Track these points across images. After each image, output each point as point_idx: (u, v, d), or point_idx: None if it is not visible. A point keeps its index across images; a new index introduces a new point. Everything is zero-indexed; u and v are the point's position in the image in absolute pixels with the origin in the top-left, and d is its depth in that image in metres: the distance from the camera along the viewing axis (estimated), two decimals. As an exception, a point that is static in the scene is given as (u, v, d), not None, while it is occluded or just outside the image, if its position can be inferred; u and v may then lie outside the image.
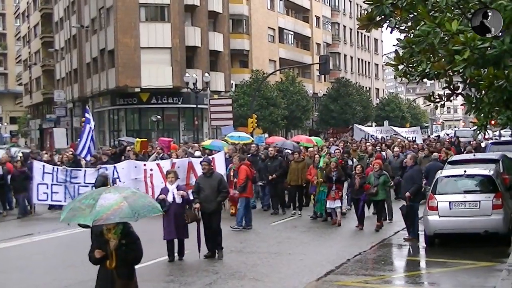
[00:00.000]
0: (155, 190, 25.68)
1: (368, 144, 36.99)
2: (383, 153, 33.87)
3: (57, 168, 28.31)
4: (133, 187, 25.83)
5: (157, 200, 17.42)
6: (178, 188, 18.28)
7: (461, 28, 10.49)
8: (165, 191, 18.32)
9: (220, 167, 25.26)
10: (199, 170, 24.06)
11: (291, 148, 32.06)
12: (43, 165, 28.77)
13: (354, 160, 28.87)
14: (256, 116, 56.06)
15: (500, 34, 10.38)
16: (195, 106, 57.45)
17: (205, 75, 59.53)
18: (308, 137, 45.53)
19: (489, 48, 10.29)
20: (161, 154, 31.28)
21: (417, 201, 21.61)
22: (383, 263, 18.83)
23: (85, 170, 27.86)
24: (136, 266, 14.01)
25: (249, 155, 29.76)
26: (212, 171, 19.64)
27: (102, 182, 16.73)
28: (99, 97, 71.30)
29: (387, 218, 25.07)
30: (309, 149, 31.45)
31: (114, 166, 27.42)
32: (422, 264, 19.25)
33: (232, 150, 30.17)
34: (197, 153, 30.96)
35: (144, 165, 27.29)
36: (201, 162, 20.41)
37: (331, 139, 49.98)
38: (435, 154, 29.11)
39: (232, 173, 26.14)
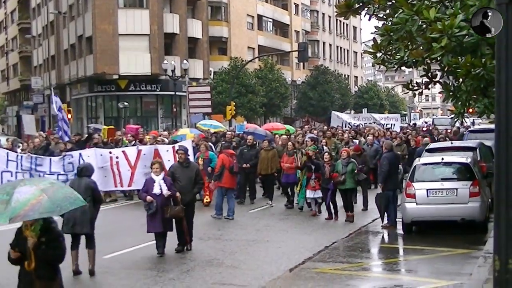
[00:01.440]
0: (123, 177, 25.41)
1: (344, 131, 36.93)
2: (356, 141, 33.71)
3: (21, 156, 27.64)
4: (101, 175, 25.67)
5: (141, 198, 17.28)
6: (165, 179, 17.31)
7: (438, 15, 10.50)
8: (150, 182, 17.33)
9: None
10: (165, 158, 23.86)
11: (263, 135, 31.27)
12: (7, 153, 28.07)
13: (325, 148, 27.88)
14: (234, 103, 55.98)
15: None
16: (173, 93, 57.25)
17: (184, 62, 59.36)
18: (280, 124, 45.45)
19: (466, 36, 10.30)
20: (133, 142, 30.39)
21: (389, 188, 21.61)
22: (361, 250, 18.89)
23: (50, 159, 27.32)
24: (114, 253, 13.93)
25: (223, 142, 29.45)
26: (189, 160, 19.03)
27: (84, 166, 16.80)
28: (77, 84, 70.86)
29: (363, 207, 25.10)
30: (281, 137, 30.82)
31: (80, 154, 26.83)
32: (400, 251, 19.33)
33: (197, 138, 29.10)
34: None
35: (110, 152, 26.53)
36: (177, 151, 19.85)
37: (306, 126, 49.68)
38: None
39: (201, 162, 25.88)
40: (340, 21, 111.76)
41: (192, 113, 51.06)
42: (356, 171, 22.77)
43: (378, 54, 12.01)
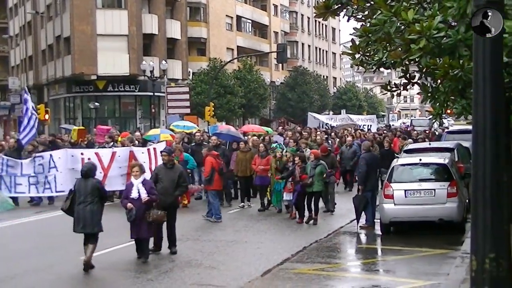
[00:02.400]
0: None
1: (318, 133, 36.58)
2: (329, 141, 33.48)
3: None
4: (71, 177, 25.38)
5: (122, 204, 17.01)
6: (144, 183, 16.64)
7: (417, 17, 10.55)
8: (130, 186, 16.86)
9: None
10: (141, 160, 23.66)
11: (236, 136, 30.38)
12: None
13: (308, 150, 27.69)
14: (213, 104, 55.93)
15: (455, 23, 10.45)
16: (152, 94, 57.07)
17: (162, 63, 59.28)
18: (257, 126, 45.15)
19: (444, 38, 10.35)
20: (111, 144, 29.71)
21: (367, 189, 21.64)
22: (339, 251, 18.96)
23: (21, 162, 26.90)
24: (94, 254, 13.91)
25: (193, 144, 29.20)
26: (174, 162, 18.71)
27: (88, 167, 16.73)
28: (55, 84, 70.57)
29: (330, 210, 24.88)
30: (253, 138, 29.75)
31: (51, 155, 26.32)
32: (378, 251, 19.39)
33: (170, 140, 28.73)
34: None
35: (82, 154, 26.18)
36: (161, 152, 19.63)
37: (280, 128, 49.44)
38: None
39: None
40: (319, 22, 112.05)
41: (171, 114, 50.93)
42: (324, 175, 22.54)
43: (357, 55, 12.05)
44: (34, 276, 15.57)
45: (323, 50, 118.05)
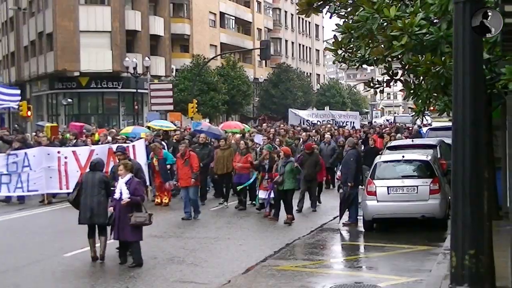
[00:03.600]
0: (70, 179, 24.69)
1: (295, 130, 36.15)
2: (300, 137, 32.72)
3: None
4: (46, 176, 25.14)
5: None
6: (129, 182, 15.88)
7: (399, 14, 10.56)
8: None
9: (140, 155, 24.62)
10: None
11: (217, 133, 30.14)
12: None
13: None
14: (196, 101, 55.84)
15: (437, 20, 10.47)
16: (135, 90, 56.99)
17: (145, 60, 59.20)
18: (237, 122, 44.79)
19: (426, 35, 10.36)
20: (74, 141, 29.17)
21: (355, 186, 21.70)
22: (322, 247, 18.96)
23: None
24: (75, 251, 13.89)
25: (175, 142, 28.54)
26: (129, 160, 18.31)
27: (97, 161, 16.71)
28: (37, 81, 70.28)
29: (311, 208, 24.72)
30: (234, 136, 29.40)
31: (25, 153, 25.82)
32: (360, 248, 19.43)
33: (150, 136, 28.34)
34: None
35: (58, 152, 25.78)
36: (115, 152, 19.37)
37: (264, 125, 48.93)
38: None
39: (155, 162, 25.46)
40: (303, 19, 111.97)
41: (152, 111, 50.76)
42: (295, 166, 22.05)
43: (339, 52, 12.04)
44: (17, 273, 15.50)
45: (306, 47, 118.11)
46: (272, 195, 22.74)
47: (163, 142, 28.06)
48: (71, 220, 17.99)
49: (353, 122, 54.31)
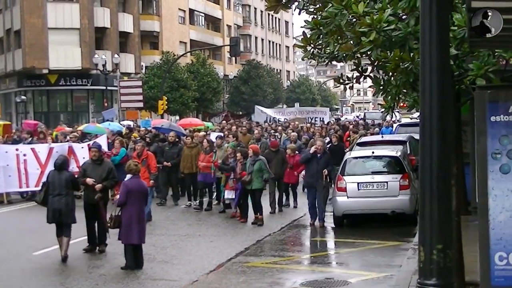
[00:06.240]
0: (29, 177, 24.16)
1: (256, 128, 35.44)
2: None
3: None
4: (4, 174, 24.55)
5: None
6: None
7: (367, 10, 10.58)
8: None
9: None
10: (80, 155, 23.11)
11: (179, 131, 29.32)
12: None
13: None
14: (166, 98, 55.68)
15: (405, 16, 10.51)
16: (104, 88, 56.80)
17: (115, 57, 58.93)
18: (197, 119, 44.38)
19: (394, 31, 10.40)
20: (29, 139, 28.32)
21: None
22: (292, 244, 19.03)
23: None
24: (45, 250, 13.79)
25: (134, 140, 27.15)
26: (103, 158, 17.96)
27: (63, 160, 16.60)
28: (5, 78, 69.68)
29: (292, 204, 24.66)
30: (198, 134, 28.06)
31: None
32: (331, 244, 19.52)
33: (111, 133, 27.76)
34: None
35: (17, 149, 25.05)
36: (90, 148, 18.80)
37: (225, 122, 48.10)
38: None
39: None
40: (272, 15, 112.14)
41: (128, 108, 50.51)
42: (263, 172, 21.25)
43: (308, 48, 12.03)
44: (-16, 273, 15.39)
45: (276, 44, 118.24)
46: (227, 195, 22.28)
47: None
48: (36, 219, 17.94)
49: (323, 118, 54.27)
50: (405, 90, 12.26)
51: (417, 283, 7.13)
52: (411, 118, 47.44)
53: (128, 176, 15.65)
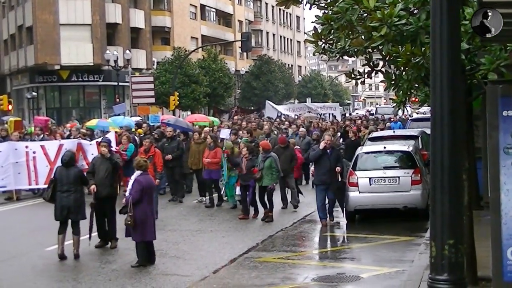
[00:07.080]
0: (39, 174, 24.19)
1: (265, 123, 35.28)
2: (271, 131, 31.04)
3: None
4: (14, 171, 24.55)
5: None
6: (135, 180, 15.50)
7: (378, 5, 10.56)
8: None
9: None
10: (89, 152, 23.06)
11: (185, 127, 29.13)
12: None
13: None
14: (178, 93, 55.72)
15: (417, 11, 10.48)
16: (116, 83, 56.79)
17: (126, 53, 58.97)
18: (203, 115, 44.17)
19: (406, 25, 10.37)
20: (41, 136, 28.73)
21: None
22: (304, 239, 19.02)
23: None
24: (57, 245, 13.77)
25: (141, 136, 27.27)
26: (112, 153, 17.98)
27: (70, 156, 16.59)
28: (18, 74, 69.89)
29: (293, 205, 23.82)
30: (203, 129, 27.38)
31: None
32: (343, 239, 19.47)
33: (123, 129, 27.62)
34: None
35: (26, 147, 24.96)
36: (100, 143, 18.84)
37: (236, 117, 47.96)
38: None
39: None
40: (284, 10, 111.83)
41: (139, 103, 50.60)
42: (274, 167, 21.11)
43: (319, 43, 12.02)
44: (-3, 268, 15.45)
45: (287, 39, 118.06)
46: (238, 192, 22.16)
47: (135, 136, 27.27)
48: (46, 215, 17.95)
49: (333, 114, 54.20)
50: (416, 85, 12.26)
51: (429, 279, 7.12)
52: (417, 113, 47.40)
53: (138, 172, 15.47)
